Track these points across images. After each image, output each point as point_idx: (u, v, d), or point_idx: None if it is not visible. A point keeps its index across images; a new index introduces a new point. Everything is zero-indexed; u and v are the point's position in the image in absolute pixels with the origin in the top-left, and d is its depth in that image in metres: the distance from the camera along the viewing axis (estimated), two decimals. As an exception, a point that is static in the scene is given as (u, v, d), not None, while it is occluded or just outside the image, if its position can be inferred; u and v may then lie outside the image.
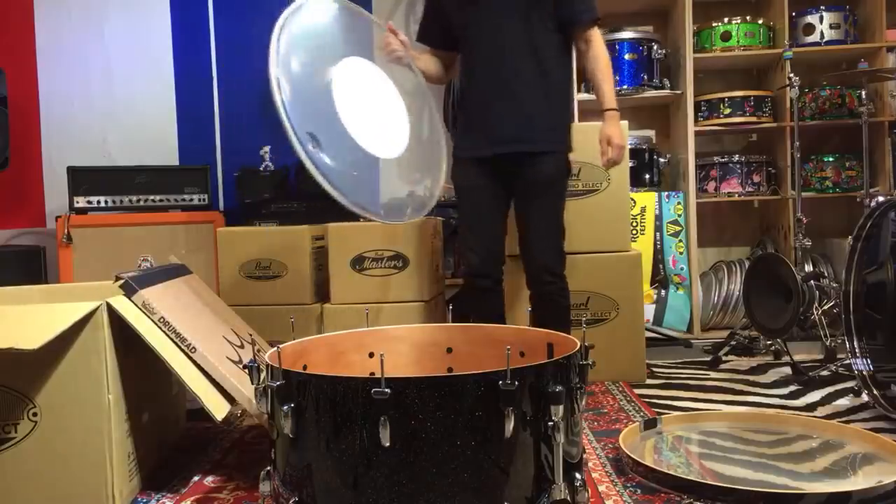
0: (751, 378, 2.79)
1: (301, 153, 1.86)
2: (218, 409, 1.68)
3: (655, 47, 3.63)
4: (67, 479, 1.58)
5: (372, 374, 1.68)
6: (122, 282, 1.74)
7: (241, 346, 2.01)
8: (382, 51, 2.32)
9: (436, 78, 2.52)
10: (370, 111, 2.23)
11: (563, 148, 2.37)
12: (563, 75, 2.39)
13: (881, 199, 2.32)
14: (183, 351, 1.73)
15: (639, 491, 1.68)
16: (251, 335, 2.19)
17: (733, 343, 3.22)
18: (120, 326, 1.65)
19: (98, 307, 1.59)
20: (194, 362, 1.74)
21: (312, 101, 2.02)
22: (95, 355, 1.58)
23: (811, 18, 3.60)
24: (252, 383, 1.36)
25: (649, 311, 3.57)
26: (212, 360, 1.75)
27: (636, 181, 3.57)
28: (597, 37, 2.35)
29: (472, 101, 2.38)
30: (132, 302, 1.72)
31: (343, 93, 2.10)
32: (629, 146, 3.01)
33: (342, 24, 2.31)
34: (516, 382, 1.19)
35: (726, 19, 3.64)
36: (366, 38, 2.37)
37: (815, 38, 3.60)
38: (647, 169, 3.65)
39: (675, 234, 3.63)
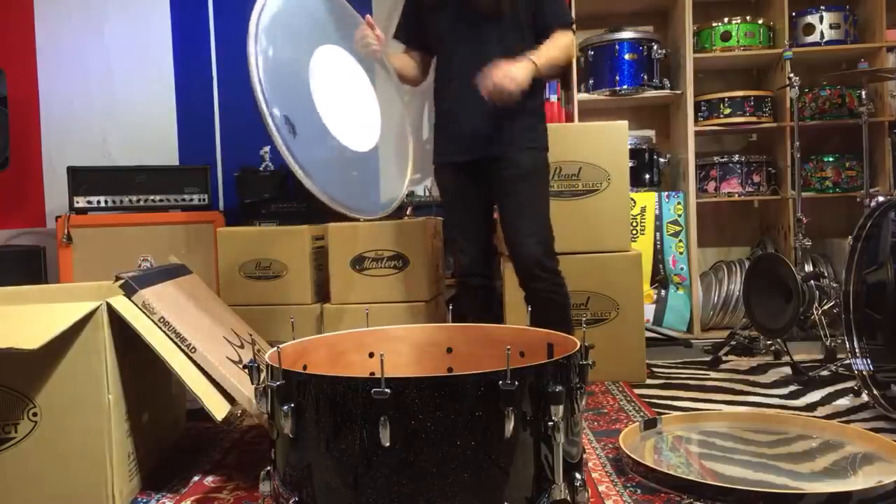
0: (751, 378, 2.79)
1: (276, 138, 1.88)
2: (218, 409, 1.68)
3: (655, 47, 3.63)
4: (67, 479, 1.58)
5: (372, 374, 1.68)
6: (122, 282, 1.74)
7: (241, 346, 2.01)
8: (357, 43, 2.32)
9: (410, 79, 2.51)
10: (344, 102, 2.24)
11: (538, 146, 2.36)
12: (535, 79, 2.33)
13: (881, 199, 2.32)
14: (183, 351, 1.73)
15: (639, 491, 1.68)
16: (251, 335, 2.19)
17: (733, 343, 3.22)
18: (120, 326, 1.65)
19: (98, 307, 1.59)
20: (194, 362, 1.74)
21: (289, 86, 2.03)
22: (95, 355, 1.58)
23: (811, 18, 3.60)
24: (252, 383, 1.36)
25: (649, 311, 3.57)
26: (212, 360, 1.75)
27: (636, 181, 3.57)
28: (566, 34, 2.30)
29: (448, 105, 2.37)
30: (132, 302, 1.72)
31: (319, 80, 2.12)
32: (629, 146, 3.01)
33: (325, 11, 2.31)
34: (516, 382, 1.19)
35: (726, 19, 3.64)
36: (347, 29, 2.37)
37: (815, 38, 3.60)
38: (647, 169, 3.65)
39: (675, 234, 3.63)
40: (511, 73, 2.12)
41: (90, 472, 1.59)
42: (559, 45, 2.27)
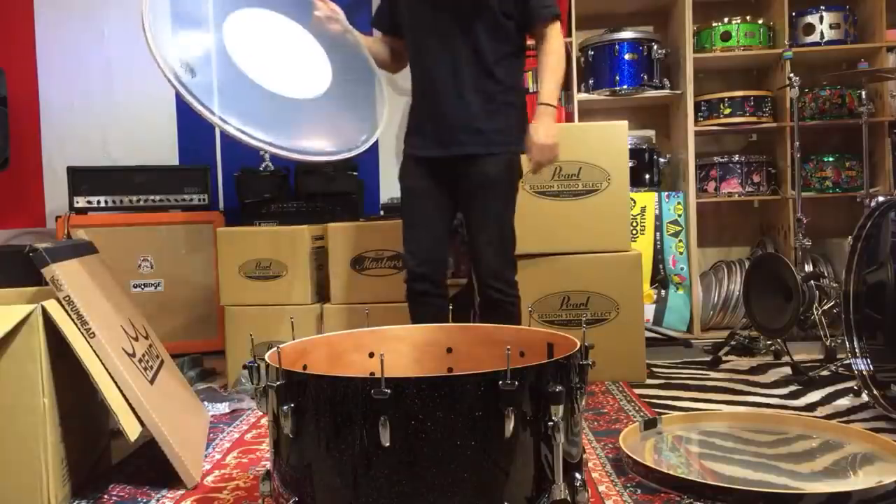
0: (751, 378, 2.79)
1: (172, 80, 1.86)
2: (132, 429, 1.64)
3: (655, 47, 3.63)
4: (2, 484, 1.55)
5: (372, 374, 1.68)
6: (35, 252, 1.67)
7: (136, 339, 1.95)
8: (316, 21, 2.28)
9: (384, 64, 2.45)
10: (276, 55, 2.18)
11: (508, 150, 2.25)
12: (510, 76, 2.27)
13: (881, 199, 2.32)
14: (83, 336, 1.67)
15: (639, 491, 1.68)
16: (145, 328, 2.12)
17: (733, 343, 3.22)
18: (55, 329, 1.61)
19: (33, 311, 1.56)
20: (94, 350, 1.68)
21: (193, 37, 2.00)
22: (31, 359, 1.55)
23: (811, 18, 3.61)
24: (252, 383, 1.36)
25: (649, 311, 3.57)
26: (109, 350, 1.70)
27: (636, 181, 3.56)
28: (554, 33, 2.23)
29: (419, 99, 2.32)
30: (44, 274, 1.65)
31: (237, 39, 2.07)
32: (629, 146, 3.01)
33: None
34: (516, 382, 1.19)
35: (726, 19, 3.64)
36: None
37: (815, 38, 3.60)
38: (647, 169, 3.65)
39: (675, 234, 3.63)
40: (545, 140, 2.16)
41: (25, 477, 1.55)
42: (556, 61, 2.22)
